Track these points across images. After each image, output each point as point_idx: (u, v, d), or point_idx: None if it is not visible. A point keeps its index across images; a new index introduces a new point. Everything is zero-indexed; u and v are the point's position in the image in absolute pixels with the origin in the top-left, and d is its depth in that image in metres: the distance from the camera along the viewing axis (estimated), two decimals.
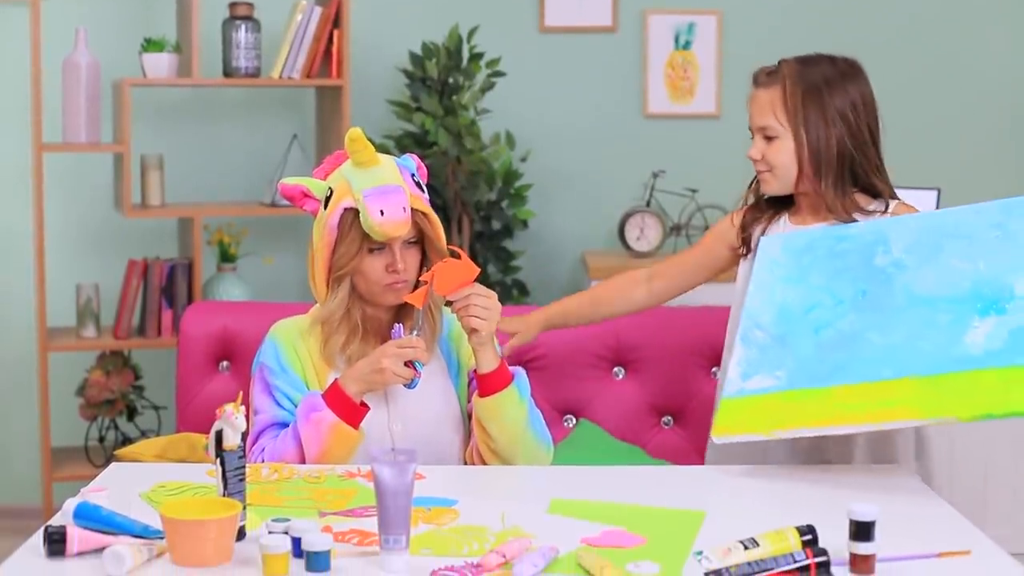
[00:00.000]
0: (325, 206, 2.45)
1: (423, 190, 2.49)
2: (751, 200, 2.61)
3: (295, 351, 2.48)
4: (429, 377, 2.48)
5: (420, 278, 2.43)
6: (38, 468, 4.37)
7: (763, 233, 2.56)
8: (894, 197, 2.57)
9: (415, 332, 2.38)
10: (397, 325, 2.41)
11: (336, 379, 2.41)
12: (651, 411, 2.93)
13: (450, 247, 2.46)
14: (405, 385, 2.38)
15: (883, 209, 2.52)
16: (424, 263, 2.47)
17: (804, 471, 2.36)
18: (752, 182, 2.60)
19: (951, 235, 2.36)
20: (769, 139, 2.49)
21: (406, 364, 2.36)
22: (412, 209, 2.40)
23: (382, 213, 2.36)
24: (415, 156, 2.56)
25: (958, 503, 2.22)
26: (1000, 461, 4.13)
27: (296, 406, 2.44)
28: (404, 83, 4.37)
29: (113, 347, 4.17)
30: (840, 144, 2.47)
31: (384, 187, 2.39)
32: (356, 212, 2.40)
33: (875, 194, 2.53)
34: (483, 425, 2.41)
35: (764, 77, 2.53)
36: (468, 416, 2.52)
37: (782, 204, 2.58)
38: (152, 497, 2.18)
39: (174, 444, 2.59)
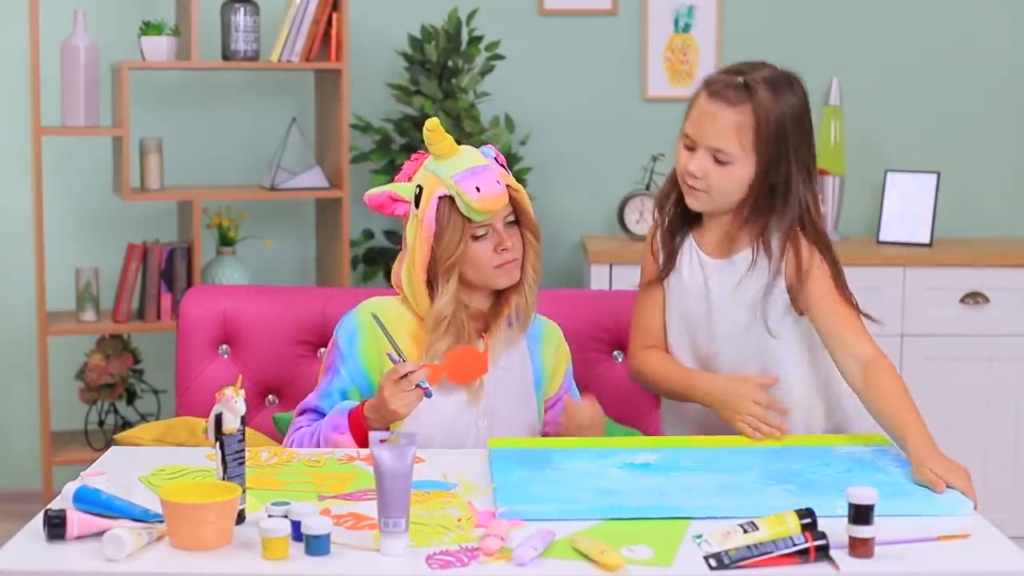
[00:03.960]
0: (416, 205, 2.44)
1: (508, 169, 2.52)
2: (668, 216, 2.51)
3: (374, 336, 2.47)
4: (508, 371, 2.51)
5: (445, 354, 2.43)
6: (38, 452, 4.38)
7: (678, 249, 2.51)
8: (809, 232, 2.45)
9: (401, 358, 2.37)
10: (388, 353, 2.40)
11: (363, 405, 2.40)
12: (650, 394, 2.93)
13: (472, 346, 2.45)
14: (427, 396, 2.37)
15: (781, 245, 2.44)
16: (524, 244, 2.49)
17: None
18: (664, 197, 2.52)
19: None
20: (721, 162, 2.38)
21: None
22: (506, 184, 2.43)
23: (478, 190, 2.39)
24: (493, 147, 2.55)
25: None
26: (999, 445, 4.13)
27: (346, 398, 2.47)
28: (403, 66, 4.37)
29: (112, 331, 4.18)
30: (794, 181, 2.37)
31: (473, 168, 2.42)
32: (452, 199, 2.41)
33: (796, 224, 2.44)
34: None
35: (732, 95, 2.36)
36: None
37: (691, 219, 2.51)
38: (152, 481, 2.18)
39: (173, 428, 2.59)
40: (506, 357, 2.52)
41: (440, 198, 2.42)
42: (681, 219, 2.54)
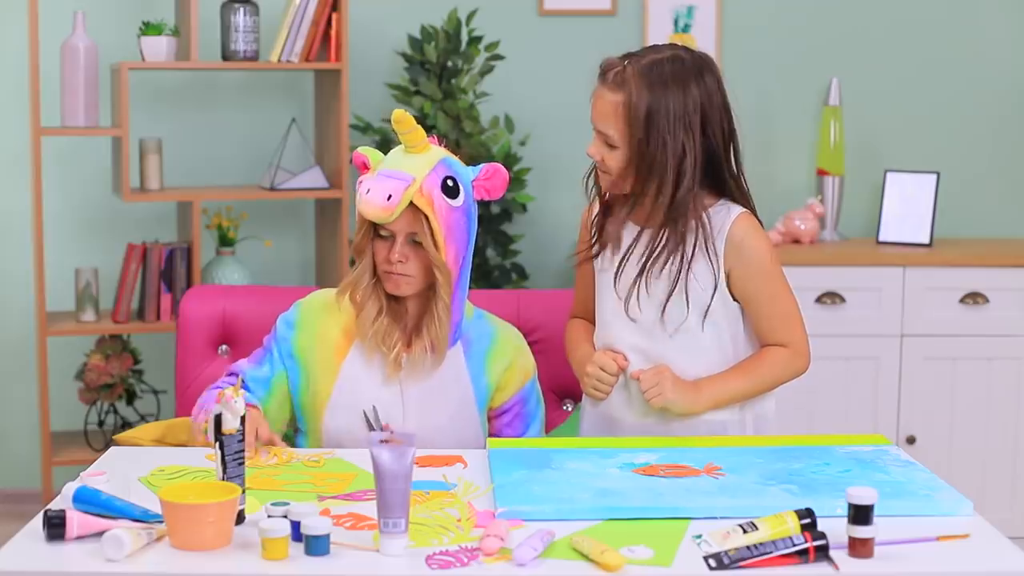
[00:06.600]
0: None
1: (456, 196, 2.39)
2: (595, 194, 2.54)
3: (312, 329, 2.49)
4: (446, 382, 2.50)
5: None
6: (37, 452, 4.38)
7: (615, 227, 2.50)
8: (743, 203, 2.47)
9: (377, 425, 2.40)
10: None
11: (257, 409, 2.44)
12: None
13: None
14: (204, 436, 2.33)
15: (725, 212, 2.44)
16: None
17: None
18: (589, 173, 2.54)
19: None
20: (611, 146, 2.40)
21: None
22: (413, 206, 2.35)
23: (368, 192, 2.35)
24: (494, 167, 2.46)
25: (957, 487, 2.22)
26: (999, 446, 4.13)
27: (257, 387, 2.52)
28: (403, 67, 4.37)
29: (112, 331, 4.17)
30: (683, 153, 2.35)
31: (395, 172, 2.35)
32: None
33: (724, 193, 2.46)
34: None
35: (612, 77, 2.40)
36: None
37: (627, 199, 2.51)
38: (151, 481, 2.18)
39: (173, 428, 2.59)
40: (434, 374, 2.49)
41: (361, 182, 2.41)
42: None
